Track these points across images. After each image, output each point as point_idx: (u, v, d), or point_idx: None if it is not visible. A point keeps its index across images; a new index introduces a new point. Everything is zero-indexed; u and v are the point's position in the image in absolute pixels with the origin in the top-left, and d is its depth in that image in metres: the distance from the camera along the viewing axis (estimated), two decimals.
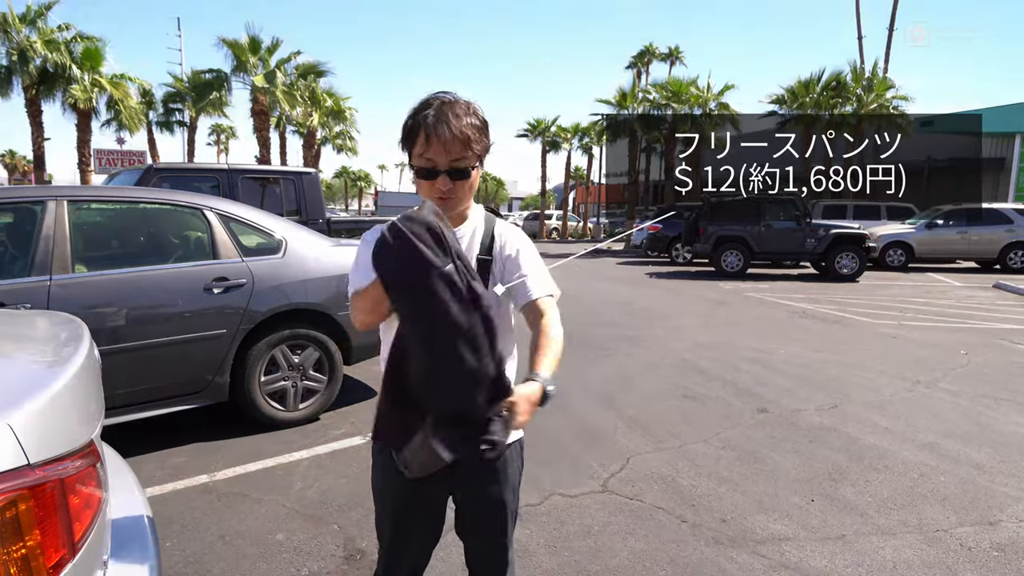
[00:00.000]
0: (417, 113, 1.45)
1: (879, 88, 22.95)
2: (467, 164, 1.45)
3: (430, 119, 1.42)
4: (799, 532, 2.84)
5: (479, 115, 1.49)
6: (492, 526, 1.67)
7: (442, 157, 1.42)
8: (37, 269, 3.33)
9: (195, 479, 3.39)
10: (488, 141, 1.51)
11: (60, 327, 1.66)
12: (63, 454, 1.03)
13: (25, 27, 17.92)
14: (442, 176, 1.44)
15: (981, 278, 13.76)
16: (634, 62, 37.99)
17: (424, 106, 1.45)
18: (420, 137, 1.43)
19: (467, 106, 1.47)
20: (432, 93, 1.49)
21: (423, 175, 1.47)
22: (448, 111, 1.42)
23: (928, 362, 6.08)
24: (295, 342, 4.13)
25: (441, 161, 1.43)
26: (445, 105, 1.44)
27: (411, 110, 1.48)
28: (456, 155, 1.43)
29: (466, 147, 1.43)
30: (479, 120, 1.48)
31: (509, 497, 1.67)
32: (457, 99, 1.48)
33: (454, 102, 1.46)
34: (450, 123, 1.41)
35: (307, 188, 7.62)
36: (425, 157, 1.44)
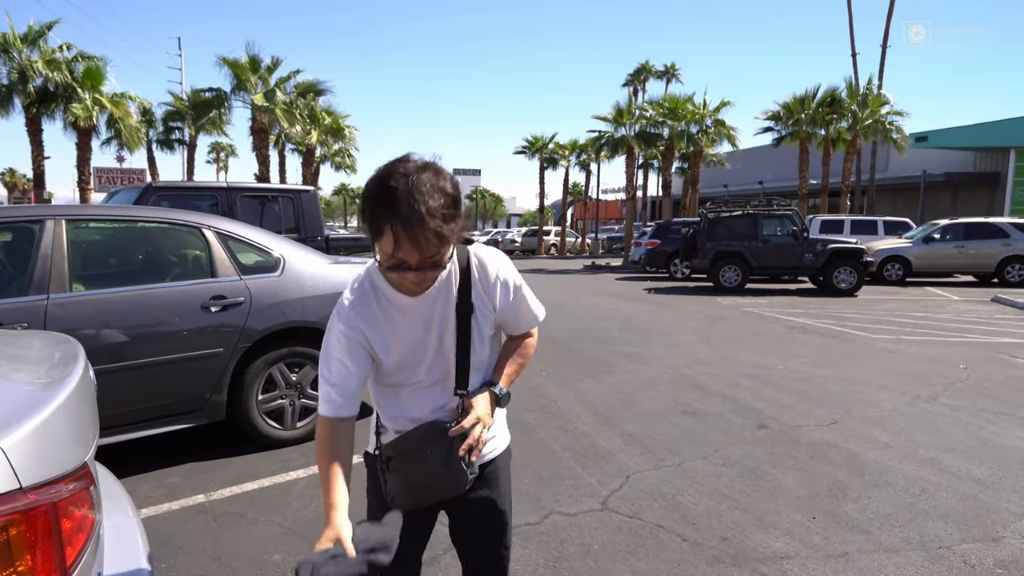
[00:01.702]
0: (379, 204, 1.25)
1: (874, 104, 23.12)
2: (442, 258, 1.32)
3: (398, 217, 1.23)
4: (801, 550, 2.82)
5: (448, 189, 1.29)
6: (490, 535, 1.67)
7: (414, 256, 1.27)
8: (35, 288, 3.32)
9: (191, 499, 3.36)
10: (462, 219, 1.32)
11: (55, 347, 1.66)
12: (56, 477, 1.02)
13: (26, 47, 18.04)
14: (414, 272, 1.32)
15: (979, 292, 13.78)
16: (630, 79, 38.32)
17: (385, 193, 1.25)
18: (387, 235, 1.25)
19: (434, 182, 1.27)
20: (391, 165, 1.29)
21: (392, 269, 1.33)
22: (416, 201, 1.23)
23: (928, 377, 6.06)
24: (293, 360, 4.12)
25: (413, 259, 1.28)
26: (413, 192, 1.23)
27: (370, 194, 1.28)
28: (430, 253, 1.28)
29: (440, 241, 1.27)
30: (450, 196, 1.29)
31: (504, 505, 1.68)
32: (421, 174, 1.27)
33: (419, 183, 1.25)
34: (422, 220, 1.23)
35: (306, 206, 7.64)
36: (395, 256, 1.28)
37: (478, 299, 1.49)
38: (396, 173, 1.26)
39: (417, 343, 1.49)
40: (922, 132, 28.29)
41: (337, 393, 1.43)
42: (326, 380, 1.45)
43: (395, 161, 1.31)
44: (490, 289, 1.50)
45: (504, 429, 1.71)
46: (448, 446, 1.44)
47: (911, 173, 29.77)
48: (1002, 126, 26.43)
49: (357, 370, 1.45)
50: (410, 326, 1.48)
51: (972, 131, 27.75)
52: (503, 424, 1.71)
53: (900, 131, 23.90)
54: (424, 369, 1.51)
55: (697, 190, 26.28)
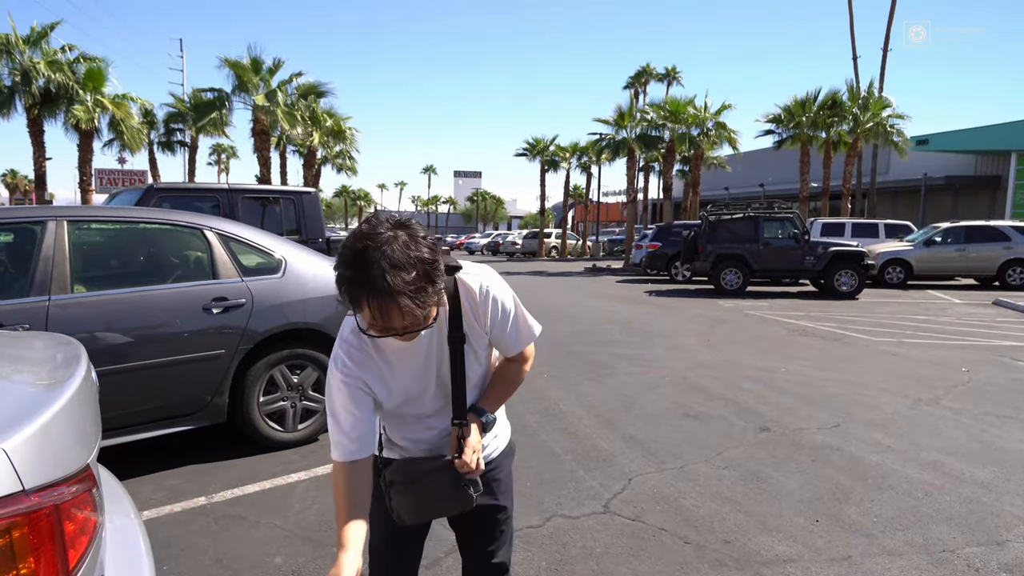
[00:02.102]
0: (352, 281, 1.21)
1: (875, 107, 23.13)
2: (426, 320, 1.29)
3: (373, 295, 1.20)
4: (804, 553, 2.81)
5: (425, 255, 1.24)
6: (491, 533, 1.68)
7: (397, 324, 1.25)
8: (36, 289, 3.32)
9: (193, 501, 3.35)
10: (440, 281, 1.28)
11: (57, 348, 1.65)
12: (58, 479, 1.01)
13: (28, 48, 18.08)
14: (402, 336, 1.31)
15: (980, 295, 13.77)
16: (631, 82, 38.37)
17: (358, 269, 1.20)
18: (365, 311, 1.24)
19: (407, 249, 1.22)
20: (365, 231, 1.24)
21: (379, 335, 1.31)
22: (391, 276, 1.18)
23: (929, 380, 6.05)
24: (294, 362, 4.11)
25: (397, 327, 1.26)
26: (386, 268, 1.18)
27: (343, 266, 1.23)
28: (410, 322, 1.25)
29: (420, 311, 1.24)
30: (426, 263, 1.24)
31: (505, 501, 1.69)
32: (393, 243, 1.21)
33: (392, 255, 1.20)
34: (397, 300, 1.19)
35: (307, 207, 7.65)
36: (377, 327, 1.27)
37: (469, 327, 1.49)
38: (367, 248, 1.21)
39: (417, 380, 1.51)
40: (923, 135, 28.31)
41: (349, 440, 1.44)
42: (337, 430, 1.46)
43: (367, 229, 1.25)
44: (480, 313, 1.49)
45: (504, 425, 1.73)
46: (452, 474, 1.47)
47: (912, 176, 29.77)
48: (1003, 129, 26.44)
49: (364, 415, 1.46)
50: (407, 365, 1.49)
51: (973, 134, 27.76)
52: (503, 420, 1.72)
53: (901, 134, 23.91)
54: (427, 401, 1.55)
55: (698, 192, 26.29)
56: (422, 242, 1.25)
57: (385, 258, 1.19)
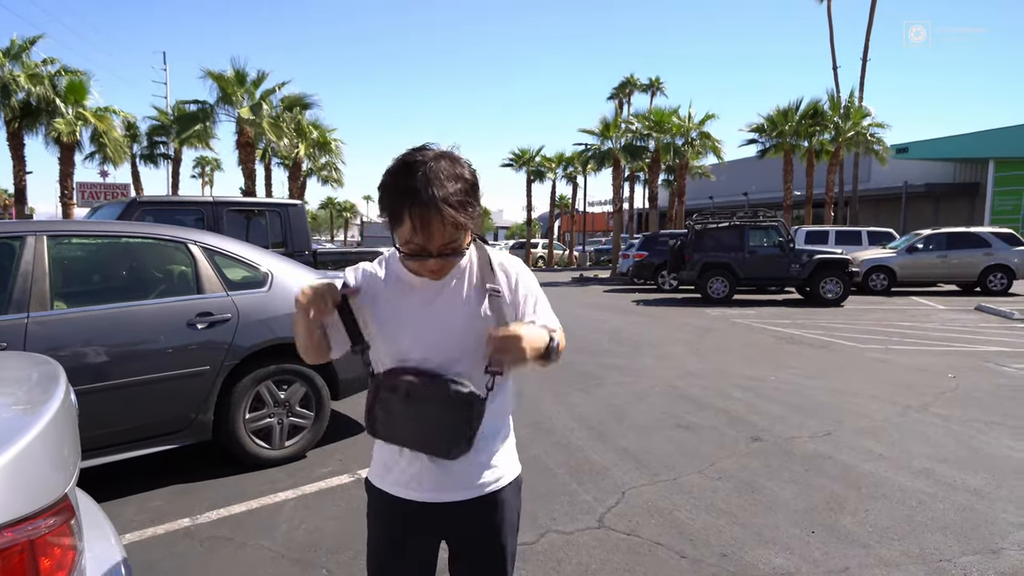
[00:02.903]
0: (397, 191, 1.27)
1: (855, 116, 23.46)
2: (460, 244, 1.32)
3: (416, 204, 1.24)
4: (802, 566, 2.78)
5: (467, 175, 1.31)
6: (487, 570, 1.59)
7: (434, 243, 1.28)
8: (15, 306, 3.23)
9: (177, 523, 3.26)
10: (479, 205, 1.33)
11: (34, 369, 1.59)
12: (34, 512, 0.96)
13: (9, 61, 17.87)
14: (433, 259, 1.32)
15: (963, 301, 13.93)
16: (616, 93, 38.61)
17: (403, 181, 1.26)
18: (405, 223, 1.26)
19: (452, 167, 1.29)
20: (411, 151, 1.31)
21: (411, 255, 1.32)
22: (435, 186, 1.24)
23: (917, 386, 6.08)
24: (281, 377, 4.03)
25: (432, 246, 1.29)
26: (430, 179, 1.24)
27: (389, 178, 1.29)
28: (449, 239, 1.29)
29: (458, 227, 1.28)
30: (468, 182, 1.30)
31: (508, 540, 1.57)
32: (439, 160, 1.28)
33: (438, 169, 1.26)
34: (440, 208, 1.23)
35: (293, 220, 7.57)
36: (414, 243, 1.29)
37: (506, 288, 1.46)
38: (414, 161, 1.28)
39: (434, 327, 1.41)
40: (903, 143, 28.78)
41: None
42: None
43: (413, 150, 1.32)
44: (512, 284, 1.48)
45: (513, 459, 1.59)
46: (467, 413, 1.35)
47: (893, 184, 30.22)
48: (981, 137, 26.93)
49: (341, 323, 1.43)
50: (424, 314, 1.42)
51: (952, 142, 28.25)
52: (512, 453, 1.58)
53: (882, 143, 24.27)
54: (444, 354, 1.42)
55: (683, 202, 26.46)
56: (464, 165, 1.32)
57: (430, 170, 1.26)
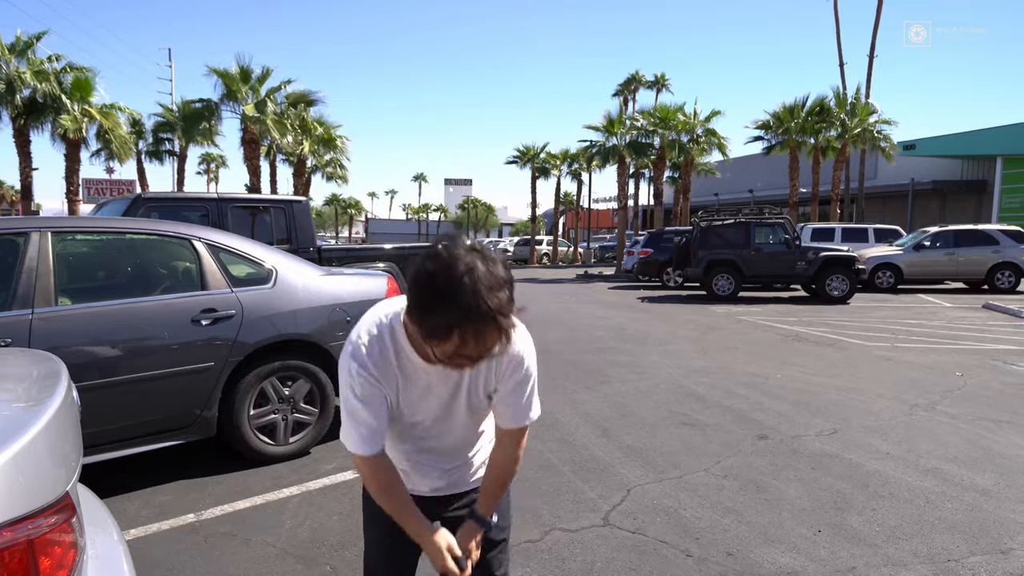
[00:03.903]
0: (445, 307, 1.15)
1: (862, 113, 23.33)
2: (504, 344, 1.24)
3: (468, 320, 1.15)
4: (808, 565, 2.76)
5: (505, 275, 1.22)
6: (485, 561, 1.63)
7: (485, 352, 1.22)
8: (19, 302, 3.23)
9: (181, 518, 3.26)
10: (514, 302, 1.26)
11: (35, 366, 1.58)
12: (34, 511, 0.94)
13: (14, 58, 17.91)
14: (474, 362, 1.26)
15: (970, 299, 13.85)
16: (621, 90, 38.51)
17: (450, 295, 1.15)
18: (453, 339, 1.18)
19: (492, 269, 1.19)
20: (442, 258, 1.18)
21: (453, 364, 1.25)
22: (486, 299, 1.15)
23: (924, 384, 6.04)
24: (285, 374, 4.03)
25: (477, 354, 1.22)
26: (479, 291, 1.15)
27: (428, 296, 1.17)
28: (492, 345, 1.21)
29: (508, 335, 1.21)
30: (509, 283, 1.22)
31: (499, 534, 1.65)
32: (478, 266, 1.17)
33: (481, 277, 1.16)
34: (496, 320, 1.16)
35: (297, 216, 7.56)
36: (461, 355, 1.22)
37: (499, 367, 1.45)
38: (454, 269, 1.16)
39: (443, 406, 1.48)
40: (910, 140, 28.56)
41: (375, 433, 1.41)
42: (357, 422, 1.40)
43: (446, 256, 1.19)
44: (504, 364, 1.44)
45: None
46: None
47: (900, 181, 30.03)
48: (989, 134, 26.72)
49: (384, 412, 1.42)
50: (436, 389, 1.44)
51: (959, 139, 28.03)
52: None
53: (888, 139, 24.13)
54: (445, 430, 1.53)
55: (688, 199, 26.36)
56: (498, 262, 1.23)
57: (479, 281, 1.15)
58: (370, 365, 1.38)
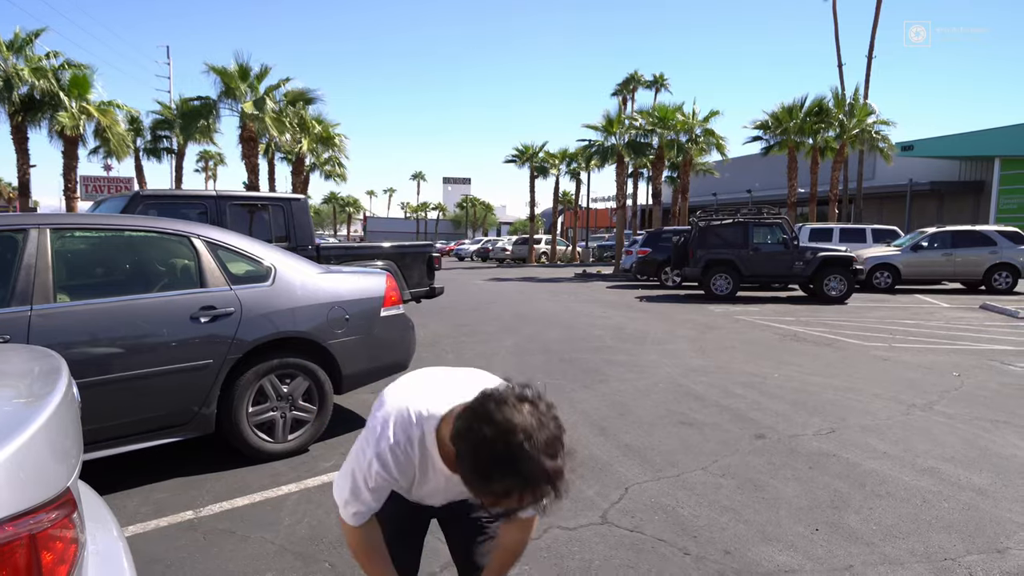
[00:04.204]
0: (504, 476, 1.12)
1: (860, 114, 23.36)
2: (553, 502, 1.23)
3: (532, 487, 1.13)
4: (805, 564, 2.77)
5: (562, 432, 1.20)
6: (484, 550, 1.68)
7: (530, 507, 1.21)
8: (17, 299, 3.22)
9: (180, 515, 3.26)
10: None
11: (35, 362, 1.58)
12: (35, 506, 0.95)
13: (12, 54, 17.87)
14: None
15: (968, 299, 13.88)
16: (619, 89, 38.51)
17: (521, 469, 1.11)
18: (513, 498, 1.15)
19: (552, 434, 1.15)
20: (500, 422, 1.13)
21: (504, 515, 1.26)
22: (545, 469, 1.12)
23: (922, 384, 6.06)
24: (284, 371, 4.03)
25: (526, 510, 1.22)
26: (542, 459, 1.12)
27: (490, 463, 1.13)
28: (544, 500, 1.20)
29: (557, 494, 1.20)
30: (565, 441, 1.20)
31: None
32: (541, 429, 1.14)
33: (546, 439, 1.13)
34: (555, 483, 1.15)
35: (296, 214, 7.56)
36: (509, 509, 1.20)
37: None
38: (512, 436, 1.11)
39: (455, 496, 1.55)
40: (908, 141, 28.63)
41: (369, 511, 1.48)
42: (360, 502, 1.45)
43: (501, 420, 1.14)
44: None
45: None
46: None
47: (898, 181, 30.09)
48: (987, 135, 26.79)
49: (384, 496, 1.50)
50: (452, 487, 1.48)
51: (957, 140, 28.11)
52: None
53: (887, 140, 24.17)
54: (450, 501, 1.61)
55: (687, 199, 26.39)
56: (552, 415, 1.19)
57: (538, 448, 1.12)
58: (393, 469, 1.40)
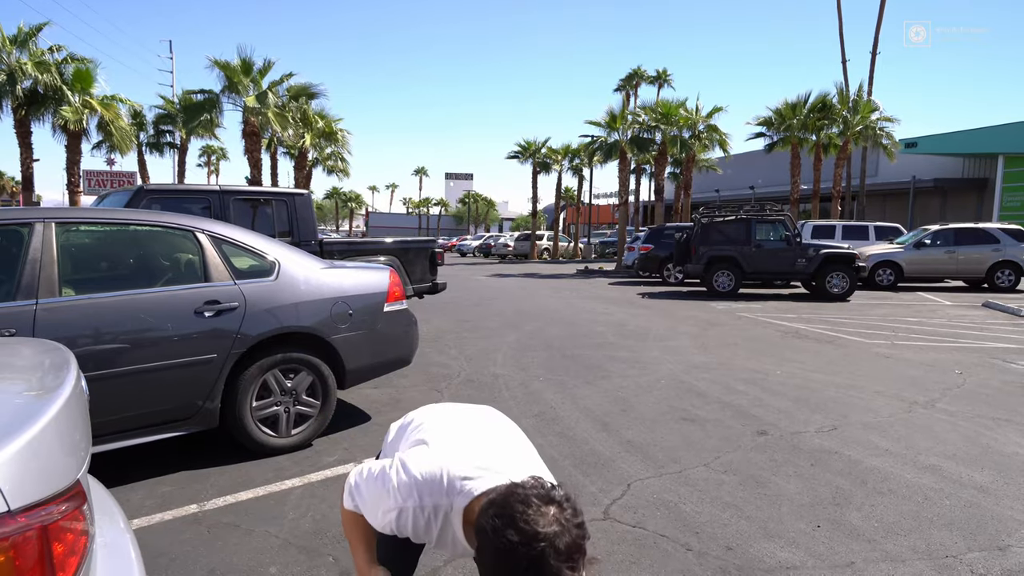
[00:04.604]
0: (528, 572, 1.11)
1: (864, 110, 23.29)
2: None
3: None
4: (807, 560, 2.78)
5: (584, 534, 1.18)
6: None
7: None
8: (23, 293, 3.24)
9: (184, 509, 3.28)
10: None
11: (45, 355, 1.59)
12: (47, 497, 0.96)
13: (15, 48, 17.87)
14: None
15: (970, 297, 13.86)
16: (623, 85, 38.48)
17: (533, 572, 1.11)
18: None
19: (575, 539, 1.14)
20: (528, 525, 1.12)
21: None
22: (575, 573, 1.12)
23: (923, 382, 6.06)
24: (288, 366, 4.04)
25: None
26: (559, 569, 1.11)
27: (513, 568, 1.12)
28: None
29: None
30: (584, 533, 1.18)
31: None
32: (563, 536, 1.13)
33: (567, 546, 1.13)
34: None
35: (300, 209, 7.56)
36: None
37: None
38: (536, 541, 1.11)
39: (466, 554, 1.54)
40: (912, 138, 28.54)
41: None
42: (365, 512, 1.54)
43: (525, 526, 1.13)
44: None
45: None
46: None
47: (901, 178, 30.01)
48: (991, 132, 26.69)
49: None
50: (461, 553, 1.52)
51: (961, 137, 28.01)
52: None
53: (890, 137, 24.09)
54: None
55: (689, 195, 26.35)
56: (576, 513, 1.18)
57: (561, 554, 1.11)
58: (409, 529, 1.45)
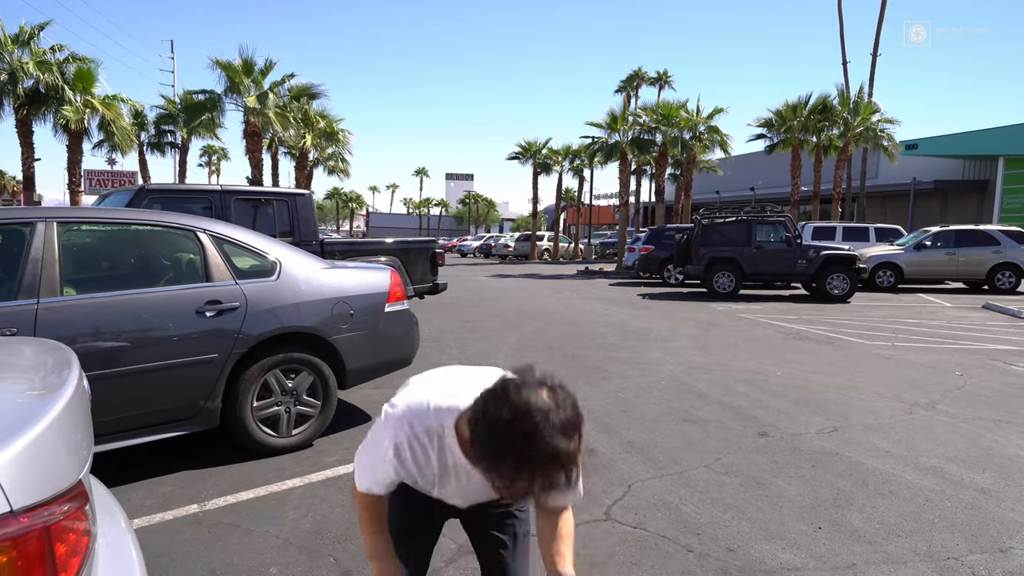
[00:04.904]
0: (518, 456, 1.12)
1: (865, 112, 23.29)
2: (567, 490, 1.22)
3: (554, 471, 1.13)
4: (808, 562, 2.77)
5: (580, 420, 1.20)
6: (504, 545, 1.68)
7: (544, 492, 1.19)
8: (24, 292, 3.24)
9: (185, 509, 3.27)
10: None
11: (47, 355, 1.58)
12: (49, 498, 0.95)
13: (17, 48, 17.88)
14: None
15: (970, 299, 13.85)
16: (623, 86, 38.48)
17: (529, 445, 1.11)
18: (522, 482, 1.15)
19: (569, 419, 1.16)
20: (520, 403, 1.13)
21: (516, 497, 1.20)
22: (559, 450, 1.12)
23: (924, 384, 6.05)
24: (289, 366, 4.04)
25: (540, 495, 1.20)
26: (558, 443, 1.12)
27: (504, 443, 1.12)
28: (558, 487, 1.19)
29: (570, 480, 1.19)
30: (583, 428, 1.20)
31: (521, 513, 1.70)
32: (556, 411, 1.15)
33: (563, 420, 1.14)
34: (569, 467, 1.15)
35: (301, 209, 7.56)
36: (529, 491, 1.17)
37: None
38: (529, 417, 1.12)
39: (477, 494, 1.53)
40: (912, 140, 28.53)
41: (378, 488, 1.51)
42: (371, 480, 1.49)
43: (519, 402, 1.14)
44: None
45: None
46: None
47: (901, 180, 30.00)
48: (991, 134, 26.69)
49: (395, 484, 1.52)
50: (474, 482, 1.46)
51: (961, 139, 28.01)
52: None
53: (891, 139, 24.09)
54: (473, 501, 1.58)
55: (690, 196, 26.35)
56: (570, 400, 1.20)
57: (554, 428, 1.13)
58: (409, 463, 1.42)
